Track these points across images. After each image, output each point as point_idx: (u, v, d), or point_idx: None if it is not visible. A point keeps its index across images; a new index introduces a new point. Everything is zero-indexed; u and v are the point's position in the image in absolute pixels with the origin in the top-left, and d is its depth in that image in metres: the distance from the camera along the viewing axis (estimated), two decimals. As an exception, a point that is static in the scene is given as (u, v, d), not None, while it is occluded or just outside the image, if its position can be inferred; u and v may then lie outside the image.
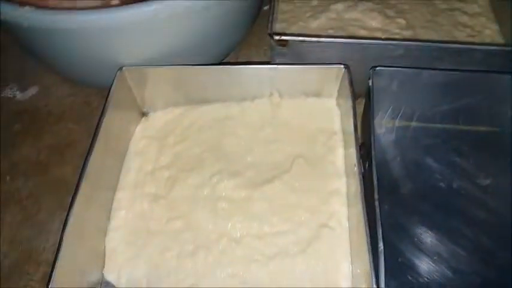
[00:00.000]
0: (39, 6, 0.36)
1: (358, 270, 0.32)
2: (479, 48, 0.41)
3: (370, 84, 0.38)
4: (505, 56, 0.40)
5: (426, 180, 0.40)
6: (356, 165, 0.34)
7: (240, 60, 0.51)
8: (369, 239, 0.30)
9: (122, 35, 0.39)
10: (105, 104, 0.38)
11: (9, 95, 0.51)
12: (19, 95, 0.50)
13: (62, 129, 0.47)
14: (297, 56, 0.42)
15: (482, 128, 0.42)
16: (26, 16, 0.36)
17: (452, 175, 0.40)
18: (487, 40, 0.47)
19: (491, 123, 0.42)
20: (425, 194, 0.39)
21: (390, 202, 0.38)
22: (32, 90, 0.51)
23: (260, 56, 0.51)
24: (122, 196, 0.38)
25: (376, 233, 0.31)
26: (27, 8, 0.36)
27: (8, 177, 0.44)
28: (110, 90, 0.39)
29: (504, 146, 0.41)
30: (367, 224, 0.31)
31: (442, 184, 0.39)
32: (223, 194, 0.36)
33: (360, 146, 0.35)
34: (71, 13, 0.36)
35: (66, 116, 0.48)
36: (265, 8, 0.53)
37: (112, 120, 0.38)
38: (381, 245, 0.30)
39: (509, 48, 0.41)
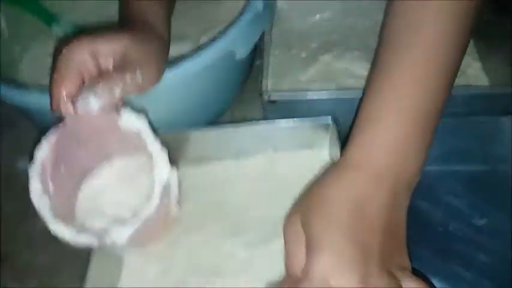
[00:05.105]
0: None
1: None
2: (460, 93, 0.42)
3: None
4: (487, 98, 0.42)
5: (423, 225, 0.40)
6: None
7: (235, 116, 0.53)
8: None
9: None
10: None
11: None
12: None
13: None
14: (289, 111, 0.44)
15: (475, 168, 0.43)
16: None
17: (448, 217, 0.41)
18: (471, 79, 0.48)
19: (484, 163, 0.43)
20: (423, 239, 0.39)
21: (389, 250, 0.39)
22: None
23: (255, 110, 0.52)
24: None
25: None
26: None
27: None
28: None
29: (497, 184, 0.42)
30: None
31: (439, 228, 0.40)
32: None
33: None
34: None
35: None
36: (258, 62, 0.56)
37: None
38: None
39: (488, 92, 0.43)
